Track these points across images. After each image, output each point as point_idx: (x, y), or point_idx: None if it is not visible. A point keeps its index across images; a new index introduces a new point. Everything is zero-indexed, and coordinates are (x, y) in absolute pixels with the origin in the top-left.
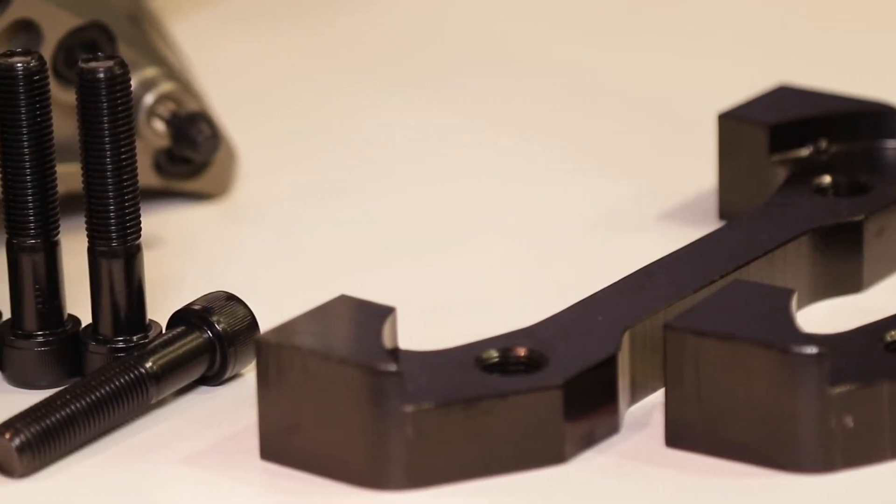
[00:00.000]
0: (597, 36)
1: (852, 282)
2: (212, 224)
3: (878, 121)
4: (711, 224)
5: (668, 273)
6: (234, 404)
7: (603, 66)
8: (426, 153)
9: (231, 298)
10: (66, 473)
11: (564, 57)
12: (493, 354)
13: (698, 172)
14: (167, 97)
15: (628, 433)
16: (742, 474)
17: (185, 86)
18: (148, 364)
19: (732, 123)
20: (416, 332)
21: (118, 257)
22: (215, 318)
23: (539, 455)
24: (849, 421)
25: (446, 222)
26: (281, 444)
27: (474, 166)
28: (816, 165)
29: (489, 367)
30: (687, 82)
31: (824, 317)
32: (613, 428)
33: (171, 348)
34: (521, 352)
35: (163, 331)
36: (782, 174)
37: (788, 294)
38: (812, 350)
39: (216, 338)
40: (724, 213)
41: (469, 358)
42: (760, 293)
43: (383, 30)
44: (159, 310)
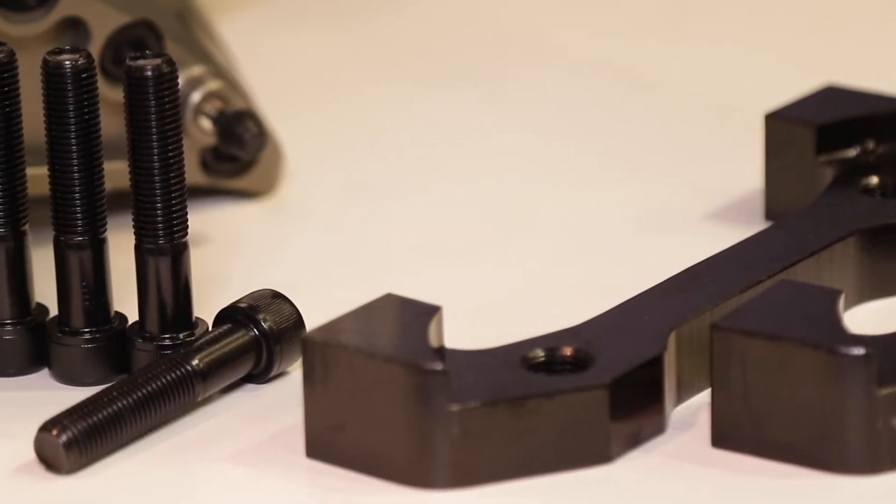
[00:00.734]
0: (644, 35)
1: None
2: (258, 222)
3: None
4: (758, 224)
5: (715, 273)
6: (280, 402)
7: (649, 66)
8: (473, 152)
9: (277, 296)
10: (113, 470)
11: (611, 57)
12: (539, 354)
13: (745, 173)
14: (214, 95)
15: (674, 433)
16: (788, 475)
17: (232, 84)
18: (194, 361)
19: (780, 124)
20: (462, 331)
21: (165, 255)
22: (261, 316)
23: (585, 455)
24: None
25: (492, 221)
26: (326, 443)
27: (521, 166)
28: (863, 166)
29: (535, 367)
30: (734, 82)
31: (871, 318)
32: (659, 428)
33: (218, 346)
34: (568, 351)
35: (209, 328)
36: (829, 175)
37: (835, 295)
38: (859, 351)
39: (262, 335)
40: (771, 214)
41: (515, 357)
42: (807, 294)
43: (430, 28)
44: (205, 307)
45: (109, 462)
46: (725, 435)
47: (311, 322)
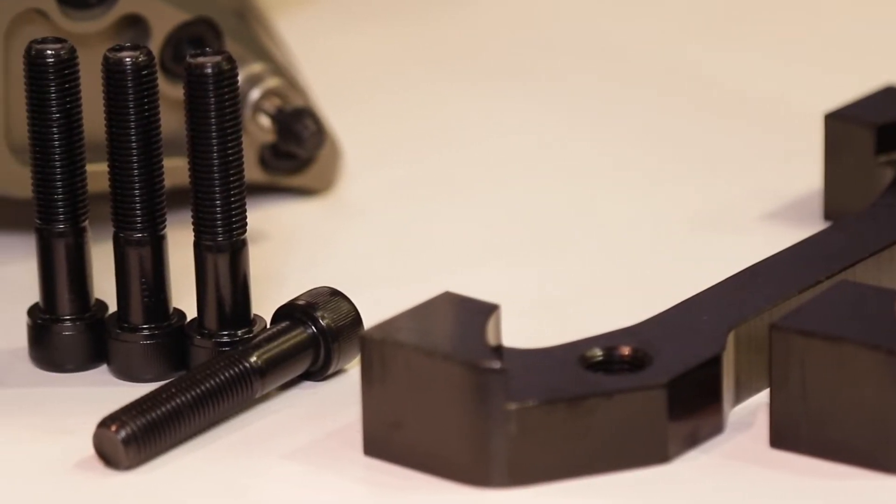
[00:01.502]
0: (702, 36)
1: None
2: (316, 219)
3: None
4: (817, 225)
5: (774, 273)
6: (338, 400)
7: (707, 66)
8: (530, 151)
9: (335, 294)
10: (171, 466)
11: (670, 57)
12: (597, 353)
13: (804, 173)
14: (273, 93)
15: (732, 433)
16: (847, 476)
17: (291, 81)
18: (253, 358)
19: (839, 124)
20: (519, 330)
21: (224, 252)
22: (320, 314)
23: (642, 454)
24: None
25: (550, 220)
26: (384, 441)
27: (578, 165)
28: None
29: (593, 366)
30: (794, 82)
31: None
32: (717, 428)
33: (276, 343)
34: (626, 351)
35: (267, 325)
36: (889, 175)
37: (894, 295)
38: None
39: (320, 333)
40: (830, 214)
41: (573, 356)
42: (866, 295)
43: (489, 27)
44: (263, 304)
45: (167, 458)
46: (784, 435)
47: (369, 320)
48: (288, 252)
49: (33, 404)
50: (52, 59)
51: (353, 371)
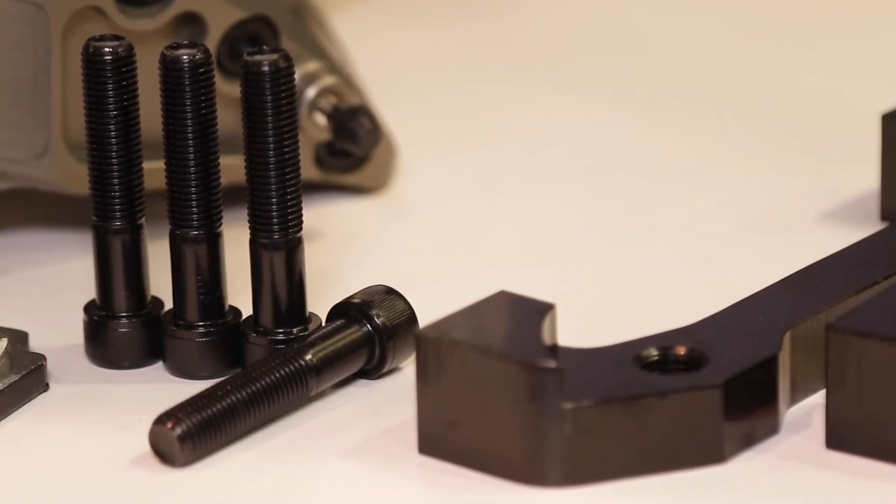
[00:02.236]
0: (759, 34)
1: None
2: (371, 218)
3: None
4: (873, 225)
5: (830, 274)
6: (393, 398)
7: (765, 66)
8: (584, 150)
9: (390, 292)
10: (226, 464)
11: (725, 57)
12: (653, 353)
13: (861, 173)
14: (329, 91)
15: (788, 434)
16: None
17: (347, 80)
18: (308, 356)
19: None
20: (575, 329)
21: (279, 249)
22: (375, 312)
23: (698, 454)
24: None
25: (604, 219)
26: (439, 439)
27: (633, 164)
28: None
29: (648, 366)
30: (851, 82)
31: None
32: (773, 428)
33: (331, 341)
34: (681, 350)
35: (322, 323)
36: None
37: None
38: None
39: (375, 331)
40: (887, 214)
41: (628, 356)
42: None
43: (545, 26)
44: (319, 302)
45: (222, 456)
46: (840, 436)
47: (424, 318)
48: (343, 250)
49: (89, 401)
50: (110, 57)
51: (408, 369)
